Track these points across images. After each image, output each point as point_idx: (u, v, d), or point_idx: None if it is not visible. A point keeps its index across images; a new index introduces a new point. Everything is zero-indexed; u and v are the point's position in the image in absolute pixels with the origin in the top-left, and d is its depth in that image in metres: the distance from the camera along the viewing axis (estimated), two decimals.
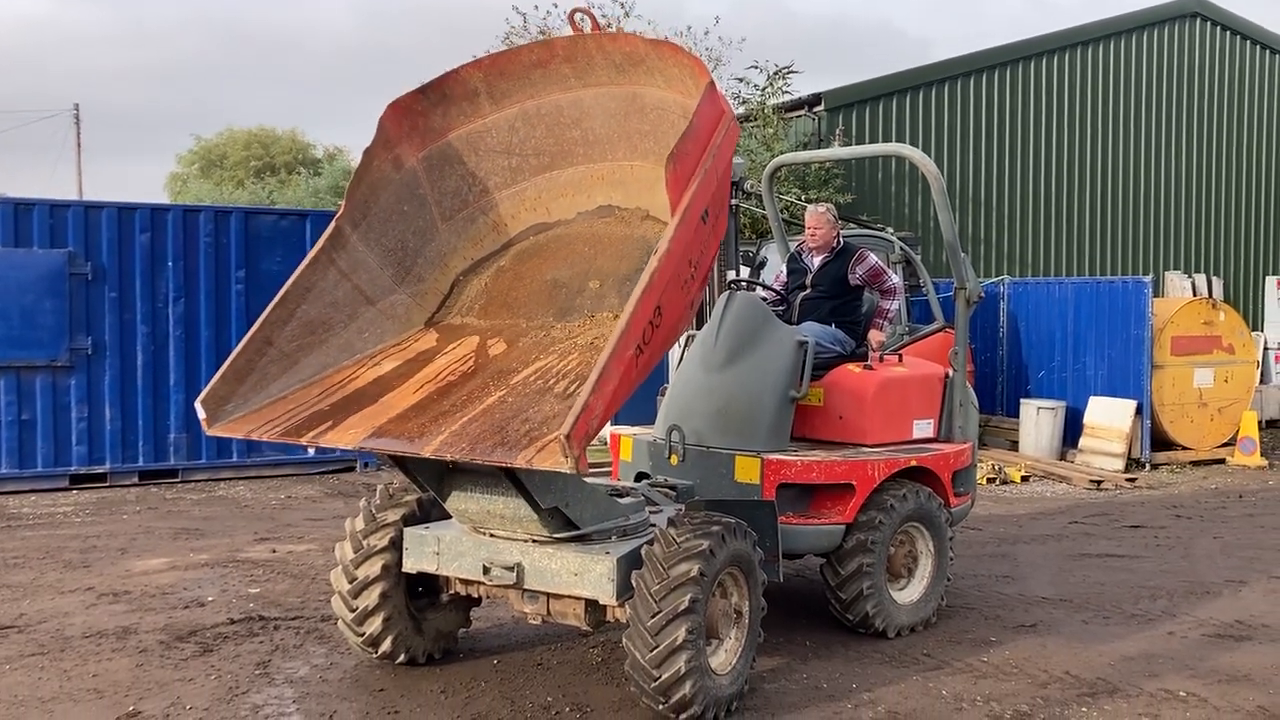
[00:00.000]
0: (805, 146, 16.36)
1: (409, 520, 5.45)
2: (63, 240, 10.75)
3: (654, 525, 5.20)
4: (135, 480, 11.04)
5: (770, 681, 5.39)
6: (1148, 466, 12.61)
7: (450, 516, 5.38)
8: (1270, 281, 17.05)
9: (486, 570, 5.04)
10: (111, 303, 10.93)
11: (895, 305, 6.91)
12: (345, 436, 4.46)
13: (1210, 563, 8.12)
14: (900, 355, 6.77)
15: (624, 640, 4.74)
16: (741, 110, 17.68)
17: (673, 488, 6.02)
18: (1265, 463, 13.02)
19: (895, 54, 76.44)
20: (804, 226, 7.21)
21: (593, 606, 4.94)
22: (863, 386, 6.35)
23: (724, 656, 5.00)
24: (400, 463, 5.04)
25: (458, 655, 5.76)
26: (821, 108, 16.52)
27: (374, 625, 5.34)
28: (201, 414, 4.63)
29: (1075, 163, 18.49)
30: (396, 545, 5.36)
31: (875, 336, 6.69)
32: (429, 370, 4.91)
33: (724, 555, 4.82)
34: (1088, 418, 12.76)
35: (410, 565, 5.31)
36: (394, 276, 5.24)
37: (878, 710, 5.08)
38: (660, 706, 4.71)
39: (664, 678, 4.60)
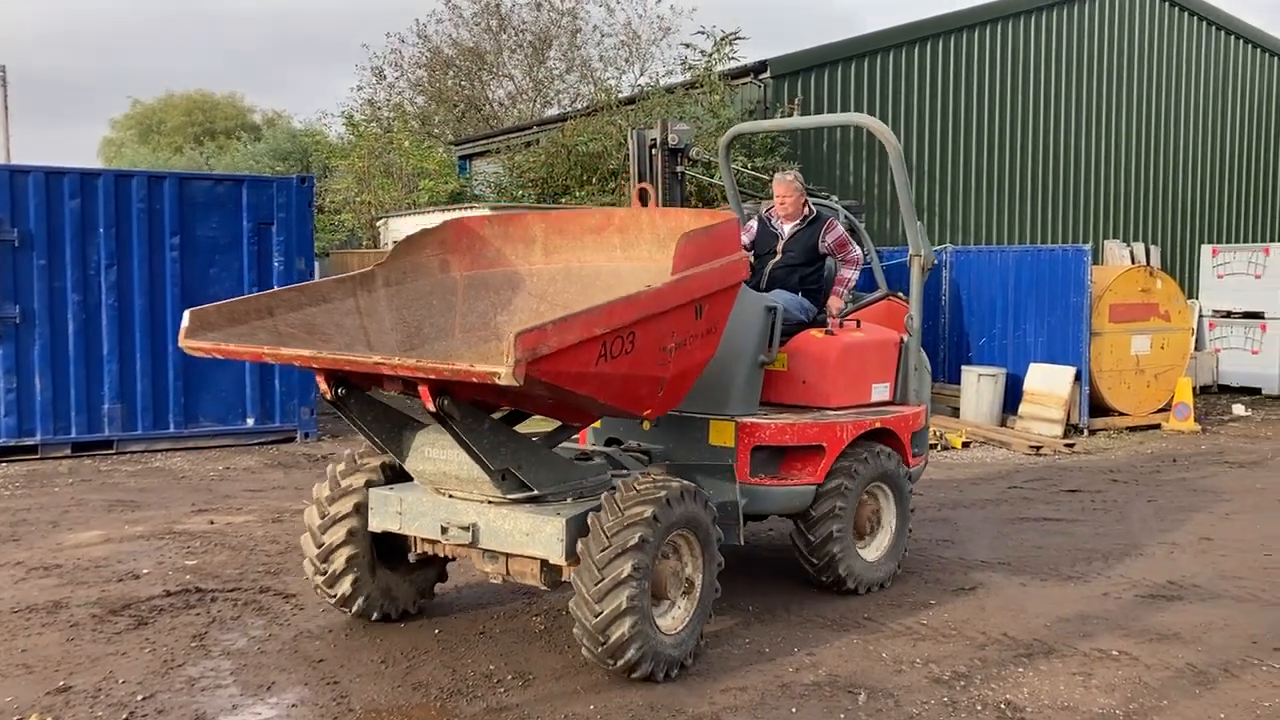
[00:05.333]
0: (751, 114, 16.29)
1: (374, 485, 5.56)
2: None
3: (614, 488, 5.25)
4: (68, 452, 10.79)
5: (713, 646, 5.41)
6: (1086, 432, 12.83)
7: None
8: (1205, 250, 17.35)
9: (444, 530, 5.17)
10: (40, 270, 10.62)
11: (855, 274, 7.04)
12: (300, 355, 4.68)
13: (1144, 525, 8.28)
14: (858, 321, 6.90)
15: (570, 605, 4.80)
16: (688, 77, 17.58)
17: (646, 452, 6.12)
18: (1199, 428, 13.30)
19: (827, 22, 75.89)
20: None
21: (548, 566, 5.02)
22: (826, 352, 6.48)
23: (671, 620, 5.07)
24: (356, 422, 5.14)
25: (398, 625, 5.71)
26: (767, 75, 16.45)
27: (344, 586, 5.49)
28: (185, 322, 4.83)
29: (1018, 132, 18.63)
30: (361, 509, 5.47)
31: (835, 304, 6.86)
32: None
33: (670, 520, 4.87)
34: (1028, 384, 12.94)
35: (375, 525, 5.43)
36: (399, 344, 5.48)
37: (819, 673, 5.12)
38: (611, 667, 4.81)
39: (610, 642, 4.69)
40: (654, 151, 8.23)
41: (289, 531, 7.78)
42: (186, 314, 4.88)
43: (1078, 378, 12.67)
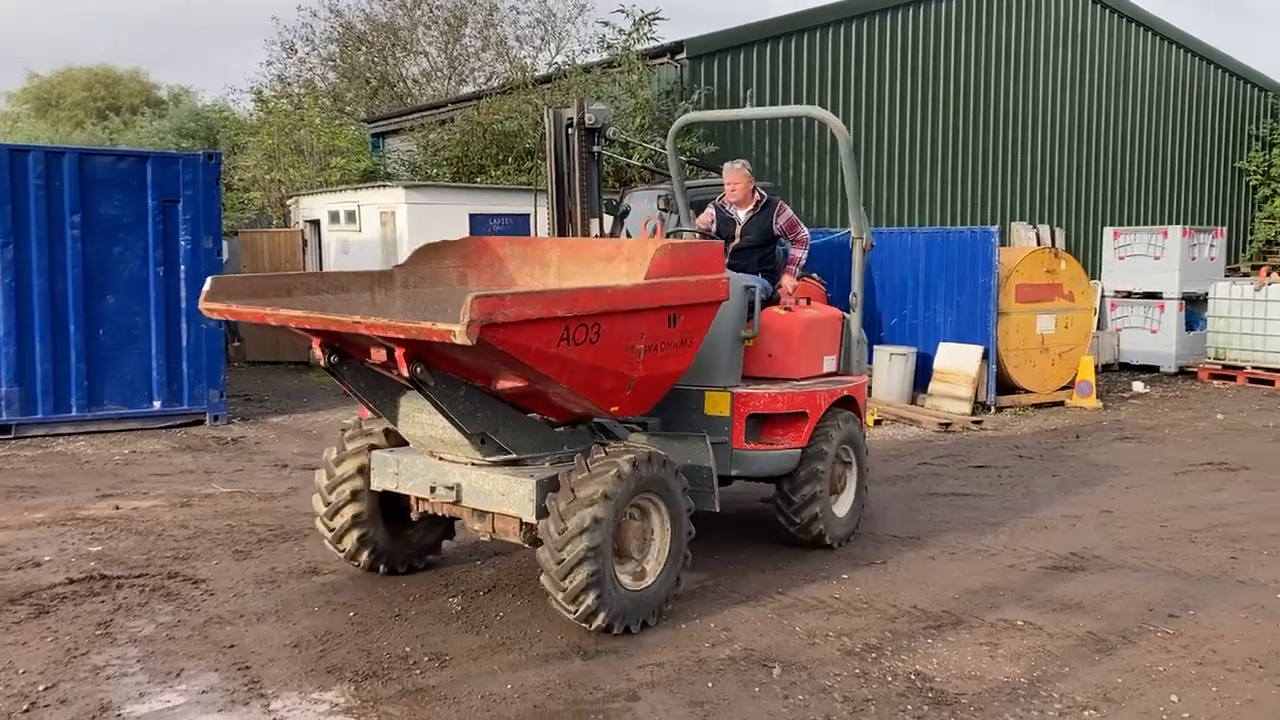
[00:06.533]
0: (669, 95, 16.30)
1: (376, 448, 5.95)
2: None
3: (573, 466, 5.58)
4: None
5: None
6: (993, 409, 13.14)
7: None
8: (1108, 232, 17.85)
9: (433, 489, 5.59)
10: None
11: (804, 254, 7.50)
12: (293, 316, 5.00)
13: (1048, 499, 8.53)
14: (809, 300, 7.34)
15: (541, 579, 5.18)
16: (606, 56, 17.52)
17: (642, 424, 6.41)
18: (1100, 405, 13.71)
19: (737, 6, 75.55)
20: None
21: (526, 525, 5.35)
22: (790, 327, 6.90)
23: (644, 576, 5.43)
24: (350, 388, 5.44)
25: (313, 608, 5.64)
26: (684, 55, 16.47)
27: (350, 542, 5.98)
28: (206, 287, 5.29)
29: (927, 116, 18.95)
30: (365, 470, 5.92)
31: (789, 282, 7.30)
32: None
33: (628, 490, 5.15)
34: (937, 363, 13.19)
35: (376, 484, 5.89)
36: None
37: (734, 648, 5.18)
38: (587, 629, 5.17)
39: (580, 611, 5.05)
40: (570, 131, 8.20)
41: (197, 516, 7.62)
42: (209, 280, 5.33)
43: (985, 356, 12.97)
